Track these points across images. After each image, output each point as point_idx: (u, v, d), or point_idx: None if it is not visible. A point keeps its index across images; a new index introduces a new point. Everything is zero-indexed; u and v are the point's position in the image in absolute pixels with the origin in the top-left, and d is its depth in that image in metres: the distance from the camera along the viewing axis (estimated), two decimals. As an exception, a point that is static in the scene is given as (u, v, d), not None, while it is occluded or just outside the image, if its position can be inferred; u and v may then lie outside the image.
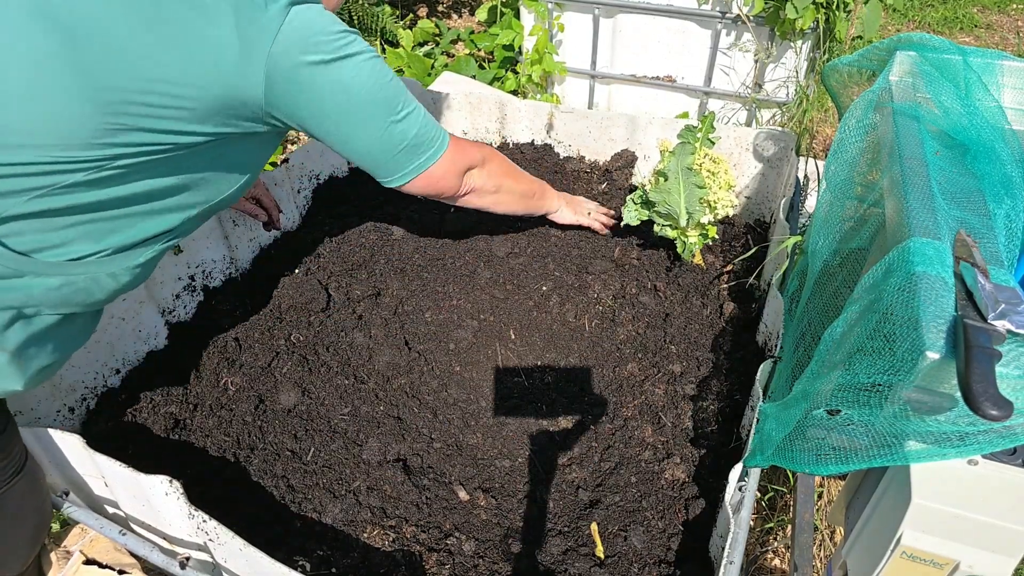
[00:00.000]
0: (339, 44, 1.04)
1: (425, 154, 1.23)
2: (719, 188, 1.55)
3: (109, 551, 1.32)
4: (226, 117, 0.98)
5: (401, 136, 1.17)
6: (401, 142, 1.18)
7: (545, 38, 2.86)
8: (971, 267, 0.75)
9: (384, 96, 1.12)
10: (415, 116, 1.18)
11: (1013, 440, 0.71)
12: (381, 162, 1.20)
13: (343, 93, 1.07)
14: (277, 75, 0.98)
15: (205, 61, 0.92)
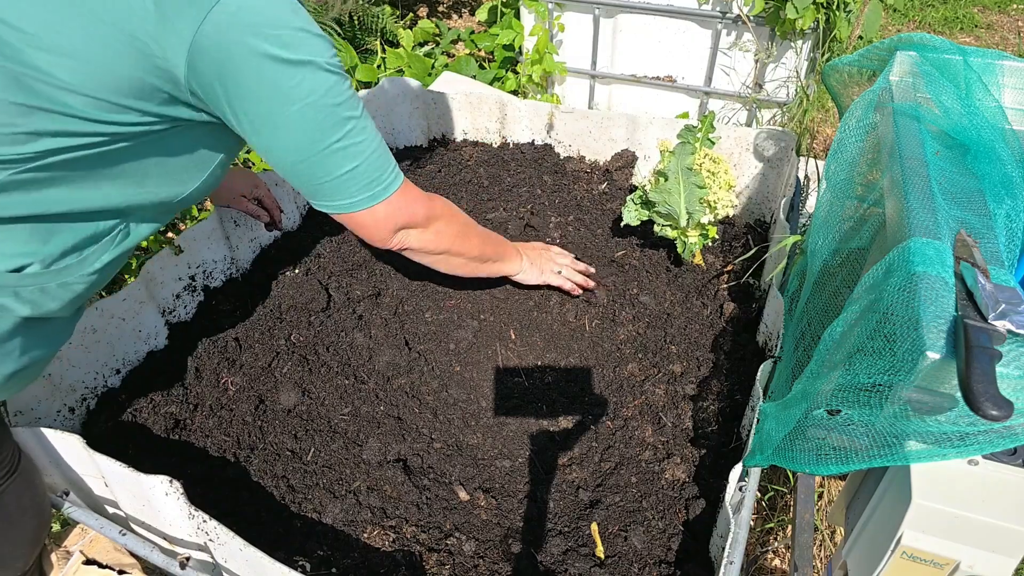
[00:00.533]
0: (298, 43, 0.93)
1: (356, 196, 1.09)
2: (719, 188, 1.55)
3: (109, 551, 1.32)
4: (145, 98, 0.89)
5: (335, 166, 1.04)
6: (332, 172, 1.05)
7: (545, 38, 2.86)
8: (971, 267, 0.75)
9: (331, 119, 0.99)
10: (361, 149, 1.05)
11: (1013, 440, 0.71)
12: (302, 183, 1.07)
13: (282, 100, 0.95)
14: (209, 48, 0.87)
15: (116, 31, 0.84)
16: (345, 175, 1.06)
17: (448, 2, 4.54)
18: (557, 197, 1.93)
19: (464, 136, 2.16)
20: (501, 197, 1.94)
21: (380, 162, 1.09)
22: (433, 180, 2.00)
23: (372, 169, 1.08)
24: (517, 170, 2.02)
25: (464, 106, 2.10)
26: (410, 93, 2.09)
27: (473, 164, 2.06)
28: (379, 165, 1.09)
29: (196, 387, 1.43)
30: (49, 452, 1.15)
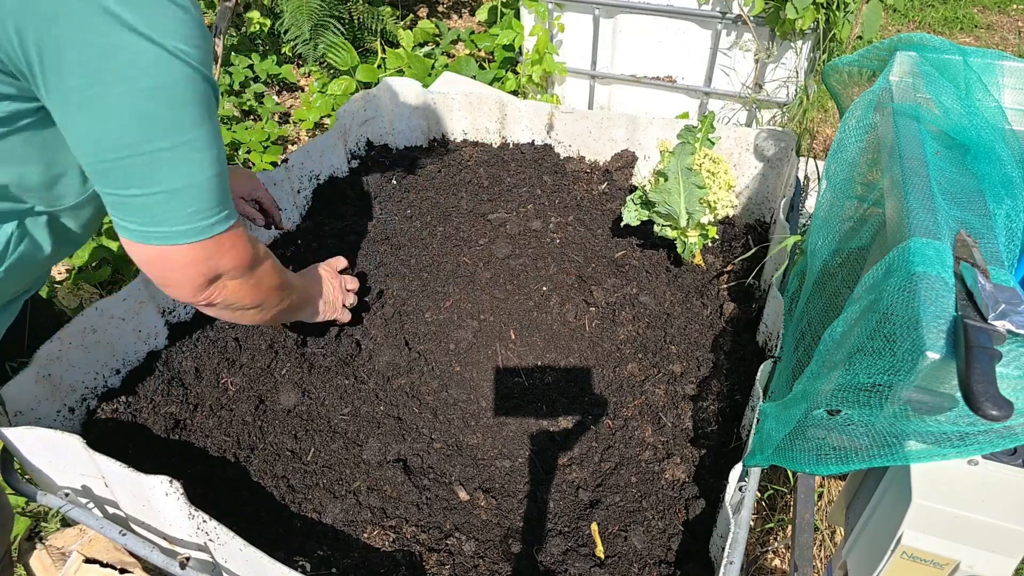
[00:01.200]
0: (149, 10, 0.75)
1: (175, 225, 0.87)
2: (719, 188, 1.55)
3: (109, 550, 1.32)
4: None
5: (154, 177, 0.83)
6: (150, 185, 0.84)
7: (545, 38, 2.86)
8: (971, 267, 0.75)
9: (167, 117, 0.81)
10: (195, 168, 0.85)
11: (1013, 440, 0.71)
12: (107, 188, 0.86)
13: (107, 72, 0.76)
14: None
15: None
16: (164, 193, 0.85)
17: (448, 2, 4.54)
18: (557, 197, 1.93)
19: (464, 136, 2.16)
20: (501, 197, 1.94)
21: (213, 192, 0.89)
22: (433, 180, 2.01)
23: (201, 196, 0.88)
24: (517, 170, 2.02)
25: (464, 106, 2.10)
26: (410, 93, 2.09)
27: (473, 164, 2.06)
28: (210, 195, 0.89)
29: (196, 387, 1.43)
30: (49, 452, 1.15)
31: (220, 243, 0.94)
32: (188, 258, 0.92)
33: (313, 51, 3.38)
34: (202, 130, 0.85)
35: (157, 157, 0.82)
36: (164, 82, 0.79)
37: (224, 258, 0.97)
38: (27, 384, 1.24)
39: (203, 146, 0.85)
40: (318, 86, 3.36)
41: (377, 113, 2.09)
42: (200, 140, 0.85)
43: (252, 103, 3.36)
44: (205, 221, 0.90)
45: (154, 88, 0.79)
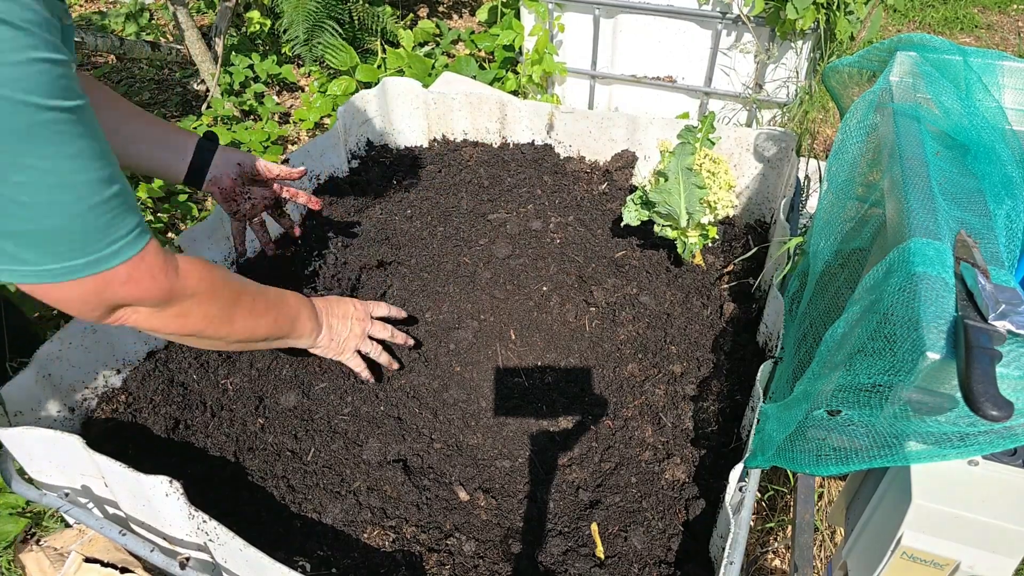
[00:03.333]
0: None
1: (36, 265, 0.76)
2: (719, 188, 1.55)
3: (110, 550, 1.32)
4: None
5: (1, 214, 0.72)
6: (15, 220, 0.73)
7: (545, 38, 2.86)
8: (972, 267, 0.75)
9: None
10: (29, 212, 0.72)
11: (1013, 441, 0.71)
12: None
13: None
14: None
15: None
16: (10, 236, 0.74)
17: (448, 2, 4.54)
18: (557, 197, 1.93)
19: (464, 136, 2.16)
20: (501, 197, 1.94)
21: (86, 228, 0.77)
22: (433, 180, 2.01)
23: (67, 236, 0.76)
24: (517, 170, 2.02)
25: (464, 106, 2.10)
26: (410, 93, 2.09)
27: (473, 164, 2.06)
28: (83, 233, 0.77)
29: (196, 387, 1.43)
30: (49, 452, 1.15)
31: (106, 280, 0.83)
32: (69, 295, 0.83)
33: (310, 52, 3.38)
34: (32, 169, 0.70)
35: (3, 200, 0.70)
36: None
37: (117, 292, 0.86)
38: (27, 384, 1.24)
39: (44, 185, 0.72)
40: (318, 86, 3.36)
41: (377, 113, 2.09)
42: (35, 180, 0.71)
43: (252, 103, 3.36)
44: (72, 261, 0.78)
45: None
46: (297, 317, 1.23)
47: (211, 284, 1.00)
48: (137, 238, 0.85)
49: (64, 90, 0.71)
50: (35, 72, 0.67)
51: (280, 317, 1.19)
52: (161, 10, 4.07)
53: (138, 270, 0.87)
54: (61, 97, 0.70)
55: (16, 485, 1.18)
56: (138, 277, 0.87)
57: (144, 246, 0.87)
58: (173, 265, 0.93)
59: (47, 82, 0.68)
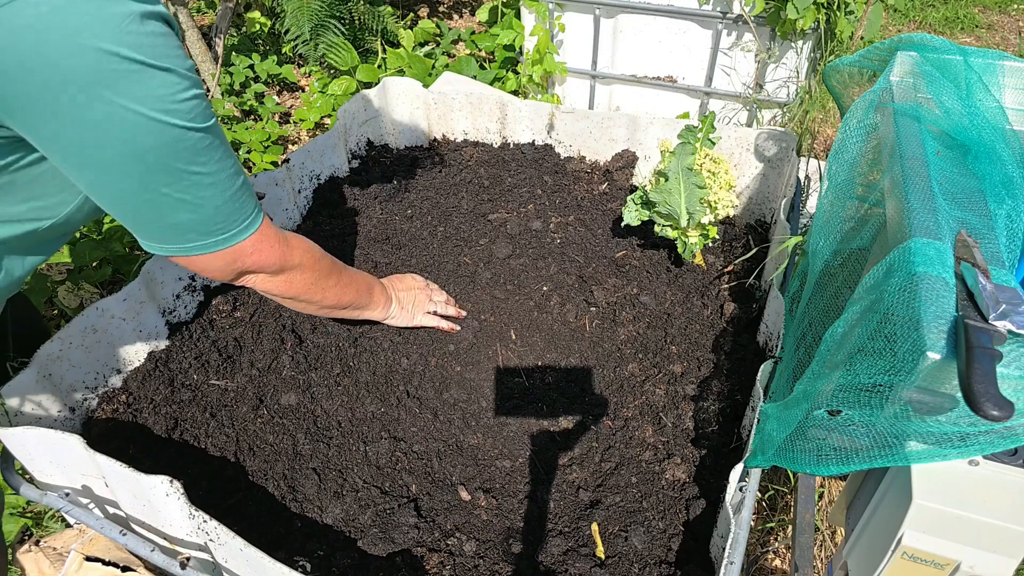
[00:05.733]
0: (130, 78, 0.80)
1: (192, 242, 1.00)
2: (720, 188, 1.55)
3: (111, 549, 1.32)
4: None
5: (164, 213, 0.94)
6: (162, 218, 0.95)
7: (546, 38, 2.86)
8: (972, 267, 0.75)
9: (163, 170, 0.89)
10: (200, 202, 0.95)
11: (1014, 441, 0.71)
12: (123, 221, 0.97)
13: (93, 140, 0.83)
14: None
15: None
16: (176, 224, 0.96)
17: (449, 2, 4.54)
18: (558, 197, 1.93)
19: (465, 136, 2.16)
20: (501, 197, 1.94)
21: (226, 212, 1.00)
22: (433, 180, 2.01)
23: (214, 220, 0.99)
24: (518, 170, 2.02)
25: (465, 106, 2.10)
26: (411, 93, 2.09)
27: (473, 164, 2.06)
28: (225, 215, 1.00)
29: (196, 387, 1.43)
30: (49, 452, 1.15)
31: (239, 250, 1.05)
32: (213, 264, 1.05)
33: (313, 51, 3.38)
34: (196, 175, 0.92)
35: (158, 201, 0.92)
36: (149, 144, 0.86)
37: (246, 260, 1.08)
38: (27, 384, 1.24)
39: (202, 184, 0.94)
40: (318, 86, 3.36)
41: (378, 113, 2.09)
42: (197, 182, 0.93)
43: (252, 103, 3.36)
44: (217, 237, 1.01)
45: (141, 151, 0.86)
46: (371, 292, 1.43)
47: (312, 258, 1.22)
48: (256, 217, 1.06)
49: (206, 115, 0.91)
50: (193, 105, 0.88)
51: (361, 290, 1.40)
52: (161, 10, 4.06)
53: (261, 242, 1.08)
54: (205, 120, 0.91)
55: (16, 485, 1.18)
56: (261, 248, 1.09)
57: (262, 223, 1.07)
58: (284, 239, 1.15)
59: (200, 112, 0.89)
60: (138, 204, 0.93)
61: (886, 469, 0.90)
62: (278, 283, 1.19)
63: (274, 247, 1.12)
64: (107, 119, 0.81)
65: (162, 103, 0.84)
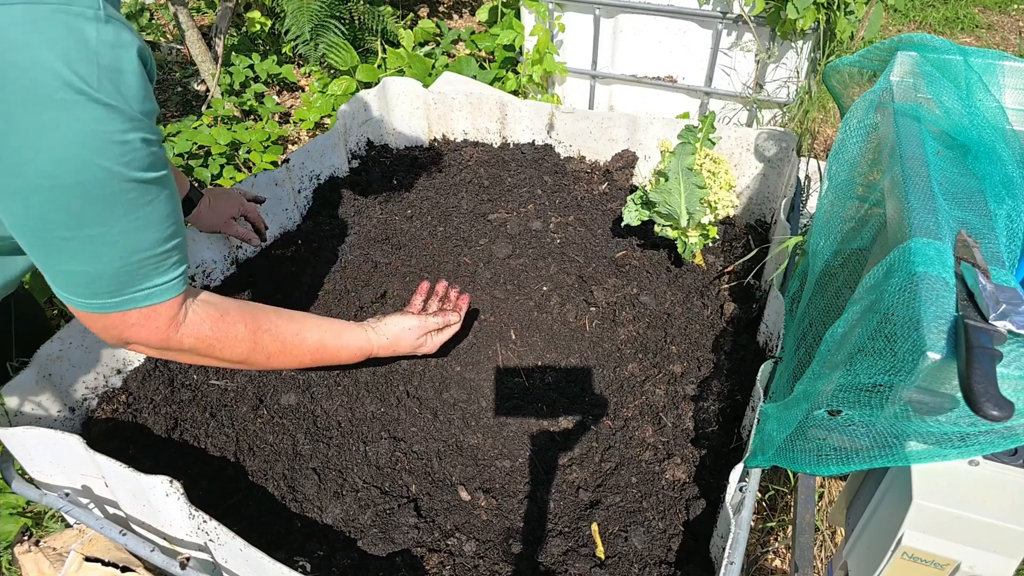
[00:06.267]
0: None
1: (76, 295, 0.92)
2: (720, 188, 1.55)
3: (110, 549, 1.32)
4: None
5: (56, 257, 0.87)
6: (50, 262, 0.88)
7: (546, 38, 2.86)
8: (972, 267, 0.75)
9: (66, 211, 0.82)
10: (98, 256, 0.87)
11: (1014, 441, 0.71)
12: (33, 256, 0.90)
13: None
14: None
15: None
16: (65, 272, 0.89)
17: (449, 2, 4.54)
18: (557, 197, 1.93)
19: (464, 136, 2.16)
20: (501, 197, 1.94)
21: (117, 278, 0.90)
22: (433, 180, 2.01)
23: (102, 281, 0.90)
24: (517, 170, 2.02)
25: (464, 106, 2.10)
26: (410, 93, 2.09)
27: (473, 164, 2.06)
28: (113, 280, 0.90)
29: (196, 387, 1.43)
30: (49, 452, 1.15)
31: (122, 319, 0.96)
32: (96, 324, 0.98)
33: (314, 51, 3.38)
34: (106, 227, 0.85)
35: (54, 243, 0.85)
36: (65, 183, 0.79)
37: (127, 332, 0.99)
38: (27, 384, 1.24)
39: (106, 241, 0.86)
40: (318, 86, 3.36)
41: (377, 113, 2.09)
42: (103, 236, 0.85)
43: (252, 103, 3.36)
44: (100, 300, 0.93)
45: (53, 187, 0.79)
46: (335, 354, 1.28)
47: (208, 345, 1.08)
48: (161, 293, 0.97)
49: (149, 164, 0.85)
50: (131, 149, 0.81)
51: (303, 358, 1.24)
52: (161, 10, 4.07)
53: (147, 320, 0.98)
54: (144, 169, 0.84)
55: (16, 485, 1.18)
56: (143, 325, 0.99)
57: (162, 302, 0.98)
58: (178, 323, 1.03)
59: (140, 159, 0.83)
60: (31, 238, 0.86)
61: (886, 469, 0.90)
62: (175, 355, 1.09)
63: (159, 328, 1.00)
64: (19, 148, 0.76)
65: (93, 138, 0.78)
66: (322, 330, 1.25)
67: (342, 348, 1.28)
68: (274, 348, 1.17)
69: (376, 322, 1.36)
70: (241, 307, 1.13)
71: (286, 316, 1.20)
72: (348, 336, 1.29)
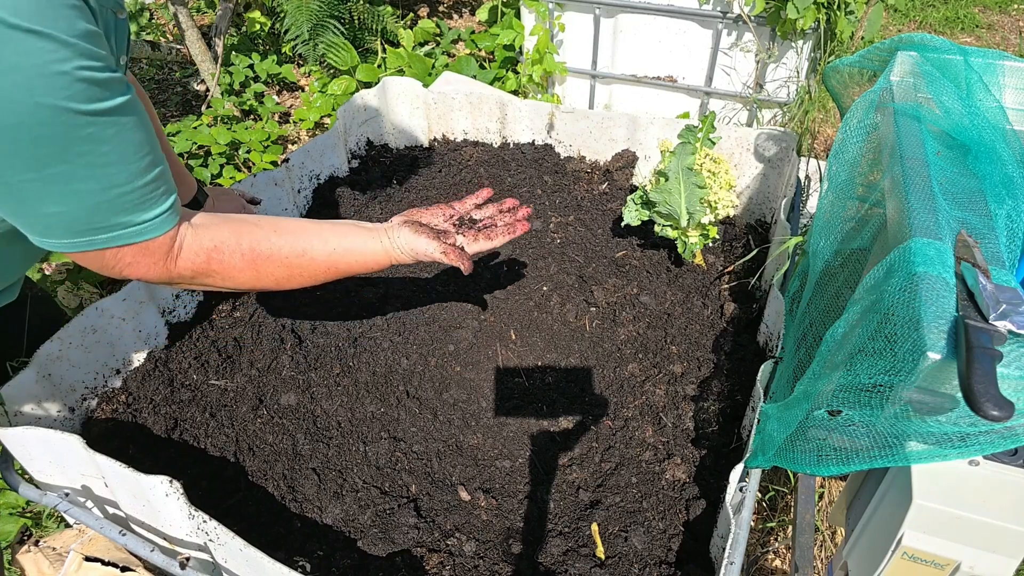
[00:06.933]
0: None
1: (63, 239, 0.88)
2: (720, 188, 1.55)
3: (110, 549, 1.32)
4: None
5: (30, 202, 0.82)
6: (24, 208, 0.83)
7: (546, 38, 2.86)
8: (972, 267, 0.75)
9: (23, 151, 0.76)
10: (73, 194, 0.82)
11: (1014, 441, 0.71)
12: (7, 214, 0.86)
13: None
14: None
15: None
16: (45, 216, 0.83)
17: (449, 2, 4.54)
18: (557, 197, 1.93)
19: (464, 136, 2.16)
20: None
21: (106, 212, 0.86)
22: (433, 180, 2.00)
23: (89, 219, 0.85)
24: (517, 170, 2.02)
25: (464, 106, 2.10)
26: (410, 93, 2.09)
27: (473, 164, 2.06)
28: (103, 215, 0.86)
29: (196, 387, 1.43)
30: (49, 452, 1.14)
31: (116, 257, 0.92)
32: (92, 263, 0.93)
33: (313, 51, 3.38)
34: (68, 164, 0.79)
35: (20, 188, 0.80)
36: (3, 124, 0.73)
37: (125, 270, 0.95)
38: (27, 384, 1.24)
39: (73, 178, 0.80)
40: (318, 86, 3.36)
41: (377, 113, 2.09)
42: (67, 174, 0.80)
43: (252, 103, 3.36)
44: (86, 238, 0.88)
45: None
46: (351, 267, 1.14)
47: (208, 275, 1.02)
48: (153, 228, 0.91)
49: (99, 94, 0.77)
50: (74, 80, 0.74)
51: (316, 276, 1.12)
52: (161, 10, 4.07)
53: (142, 256, 0.94)
54: (93, 100, 0.77)
55: (16, 485, 1.18)
56: (139, 262, 0.94)
57: (155, 237, 0.93)
58: (174, 255, 0.98)
59: (85, 90, 0.75)
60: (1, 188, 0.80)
61: (886, 469, 0.90)
62: (174, 287, 1.06)
63: (157, 263, 0.96)
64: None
65: (22, 75, 0.70)
66: (331, 244, 1.11)
67: (357, 260, 1.14)
68: (281, 274, 1.08)
69: (391, 227, 1.18)
70: (237, 233, 1.03)
71: (289, 234, 1.08)
72: (361, 245, 1.13)
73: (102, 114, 0.79)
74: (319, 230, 1.11)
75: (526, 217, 1.29)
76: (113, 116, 0.80)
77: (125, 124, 0.82)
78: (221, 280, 1.04)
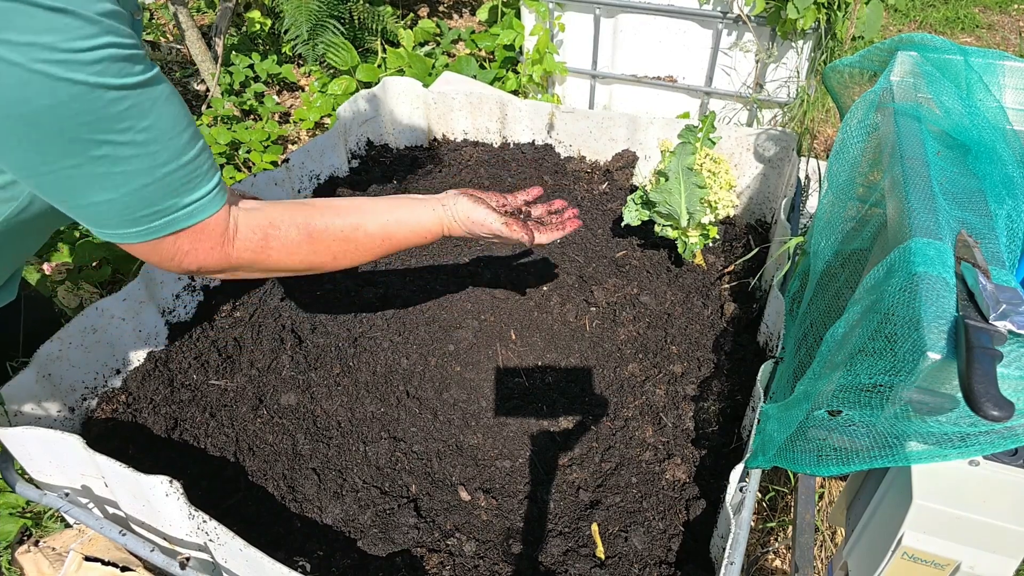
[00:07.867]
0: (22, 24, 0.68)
1: (116, 228, 0.86)
2: (720, 188, 1.55)
3: (110, 549, 1.32)
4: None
5: (77, 191, 0.81)
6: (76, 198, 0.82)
7: (546, 38, 2.86)
8: (972, 267, 0.75)
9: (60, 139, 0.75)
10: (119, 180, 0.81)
11: (1014, 441, 0.71)
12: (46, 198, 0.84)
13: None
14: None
15: None
16: (95, 205, 0.82)
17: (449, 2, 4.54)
18: (558, 197, 1.93)
19: (465, 136, 2.16)
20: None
21: (153, 196, 0.84)
22: (433, 180, 2.00)
23: (139, 205, 0.83)
24: (518, 170, 2.02)
25: (465, 106, 2.10)
26: (410, 93, 2.09)
27: (473, 164, 2.06)
28: (151, 200, 0.84)
29: (196, 387, 1.43)
30: (49, 452, 1.14)
31: (175, 246, 0.90)
32: (148, 258, 0.91)
33: (312, 51, 3.38)
34: (113, 146, 0.78)
35: (65, 176, 0.78)
36: (41, 106, 0.71)
37: (185, 260, 0.92)
38: (27, 384, 1.24)
39: (119, 159, 0.79)
40: (318, 86, 3.36)
41: (377, 113, 2.09)
42: (113, 156, 0.78)
43: (252, 103, 3.36)
44: (142, 227, 0.86)
45: (32, 113, 0.72)
46: (406, 239, 1.14)
47: (266, 255, 1.00)
48: (205, 207, 0.89)
49: (127, 69, 0.76)
50: (101, 56, 0.72)
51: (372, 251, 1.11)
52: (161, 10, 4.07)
53: (199, 239, 0.91)
54: (123, 75, 0.75)
55: (16, 485, 1.18)
56: (197, 247, 0.92)
57: (208, 216, 0.90)
58: (230, 236, 0.95)
59: (114, 65, 0.74)
60: (43, 179, 0.79)
61: (886, 469, 0.90)
62: (233, 276, 1.02)
63: (213, 248, 0.93)
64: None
65: (52, 53, 0.69)
66: (383, 216, 1.10)
67: (412, 230, 1.13)
68: (338, 248, 1.06)
69: (447, 196, 1.17)
70: (289, 210, 1.03)
71: (341, 208, 1.08)
72: (415, 215, 1.13)
73: (135, 87, 0.77)
74: (371, 203, 1.10)
75: (574, 216, 1.30)
76: (146, 88, 0.79)
77: (159, 96, 0.81)
78: (277, 260, 1.01)
